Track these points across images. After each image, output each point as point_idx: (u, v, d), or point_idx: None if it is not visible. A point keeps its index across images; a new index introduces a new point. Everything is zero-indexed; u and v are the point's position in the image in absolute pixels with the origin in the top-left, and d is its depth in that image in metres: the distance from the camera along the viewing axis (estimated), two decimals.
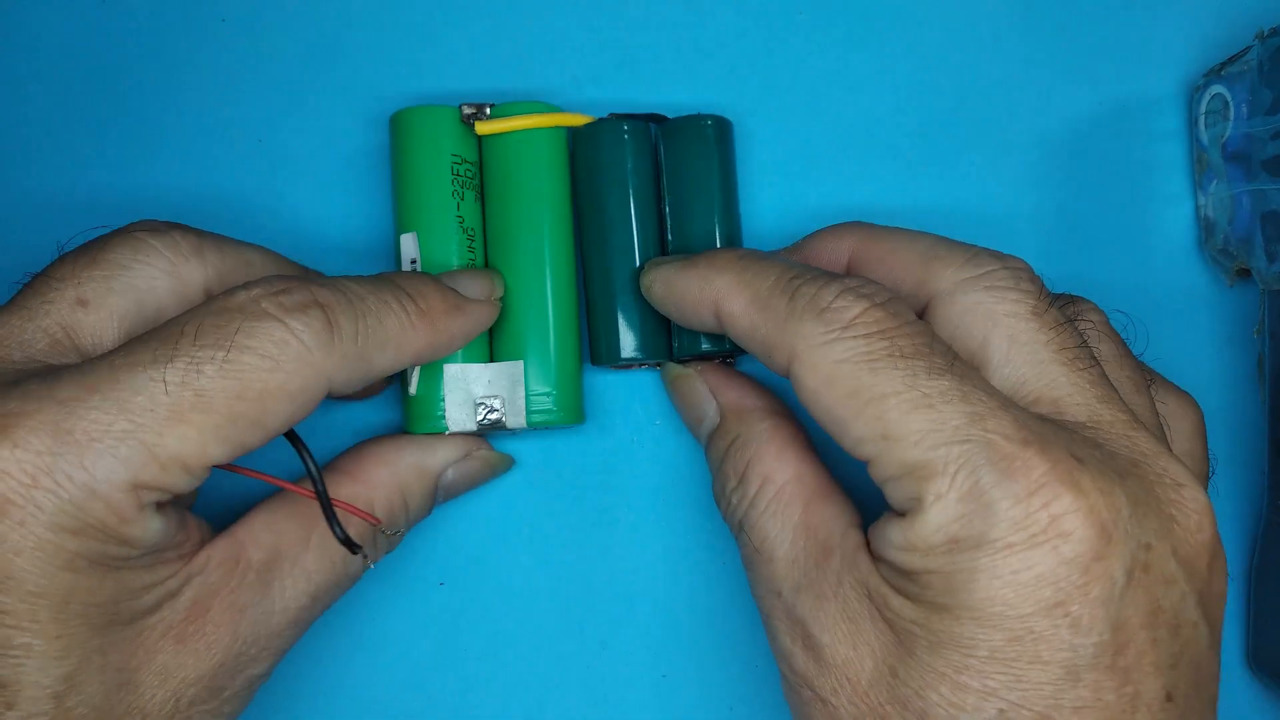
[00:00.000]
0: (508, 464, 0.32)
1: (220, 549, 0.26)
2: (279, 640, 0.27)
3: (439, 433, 0.30)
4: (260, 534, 0.27)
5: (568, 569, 0.33)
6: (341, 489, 0.29)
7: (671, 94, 0.34)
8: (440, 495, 0.31)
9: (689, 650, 0.33)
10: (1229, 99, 0.32)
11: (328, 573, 0.28)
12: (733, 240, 0.32)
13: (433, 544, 0.33)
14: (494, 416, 0.30)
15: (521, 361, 0.31)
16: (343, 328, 0.25)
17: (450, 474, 0.31)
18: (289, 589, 0.27)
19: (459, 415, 0.30)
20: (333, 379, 0.25)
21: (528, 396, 0.31)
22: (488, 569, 0.33)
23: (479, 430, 0.30)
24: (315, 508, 0.27)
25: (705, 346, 0.31)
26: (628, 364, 0.32)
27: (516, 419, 0.30)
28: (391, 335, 0.26)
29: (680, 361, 0.32)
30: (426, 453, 0.30)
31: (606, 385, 0.33)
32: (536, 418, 0.31)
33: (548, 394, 0.31)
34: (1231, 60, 0.33)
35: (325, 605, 0.28)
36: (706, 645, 0.33)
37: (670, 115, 0.32)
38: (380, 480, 0.29)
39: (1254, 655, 0.33)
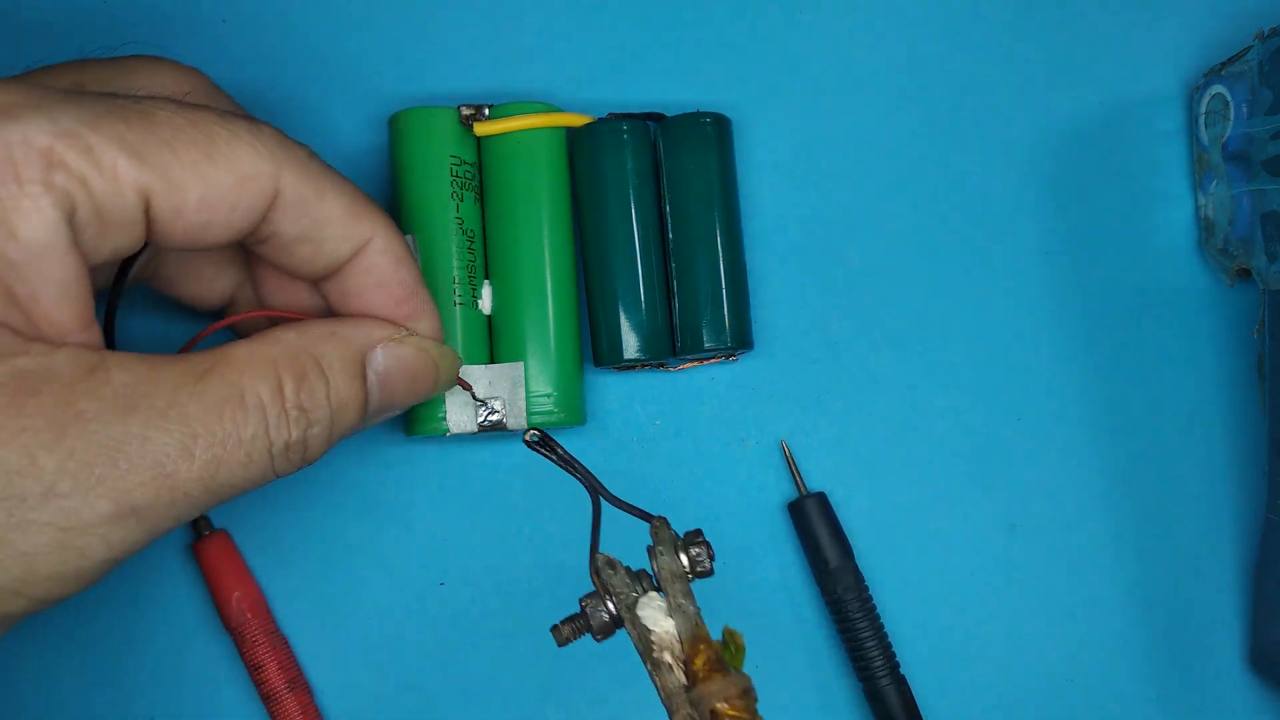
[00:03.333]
0: (453, 364, 0.29)
1: (77, 351, 0.22)
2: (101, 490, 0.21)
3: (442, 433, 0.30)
4: (133, 363, 0.23)
5: (568, 569, 0.33)
6: (238, 347, 0.24)
7: (671, 93, 0.34)
8: (374, 383, 0.26)
9: None
10: (1229, 99, 0.32)
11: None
12: (733, 238, 0.32)
13: (433, 544, 0.33)
14: (495, 418, 0.30)
15: (522, 363, 0.31)
16: None
17: (381, 357, 0.26)
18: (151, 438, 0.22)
19: (460, 416, 0.30)
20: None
21: (528, 397, 0.31)
22: (488, 569, 0.33)
23: (480, 431, 0.30)
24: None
25: (707, 345, 0.31)
26: (630, 365, 0.32)
27: (517, 420, 0.30)
28: None
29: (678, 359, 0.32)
30: (347, 325, 0.26)
31: (607, 385, 0.33)
32: (537, 419, 0.31)
33: (548, 395, 0.31)
34: (1231, 60, 0.32)
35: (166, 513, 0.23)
36: None
37: (669, 115, 0.32)
38: (286, 339, 0.25)
39: (1254, 655, 0.33)
